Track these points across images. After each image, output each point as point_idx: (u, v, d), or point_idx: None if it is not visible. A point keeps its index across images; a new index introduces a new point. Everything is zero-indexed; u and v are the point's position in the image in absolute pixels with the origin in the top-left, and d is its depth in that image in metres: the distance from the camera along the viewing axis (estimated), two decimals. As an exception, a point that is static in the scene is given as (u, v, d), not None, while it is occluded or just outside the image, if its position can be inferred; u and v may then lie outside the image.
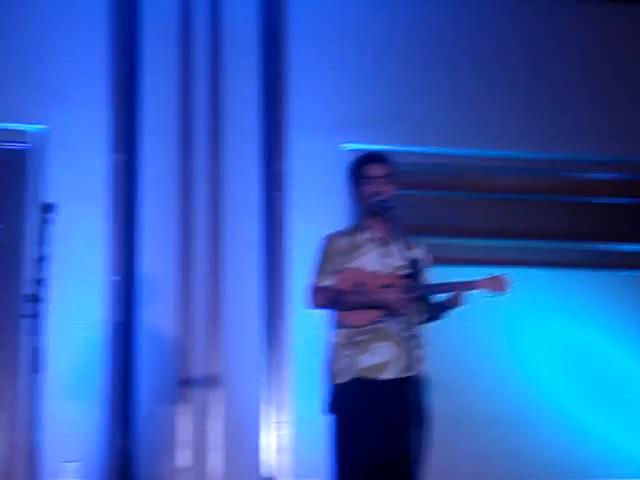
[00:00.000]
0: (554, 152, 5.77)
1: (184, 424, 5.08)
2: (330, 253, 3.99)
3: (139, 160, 5.26)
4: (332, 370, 3.92)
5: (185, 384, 5.13)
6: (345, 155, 5.22)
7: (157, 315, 5.17)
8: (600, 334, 5.81)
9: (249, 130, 5.46)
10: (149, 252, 5.19)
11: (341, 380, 3.86)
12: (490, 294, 3.87)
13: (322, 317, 4.07)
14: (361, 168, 4.05)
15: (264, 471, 5.10)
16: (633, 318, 5.89)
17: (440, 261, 4.92)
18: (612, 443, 5.67)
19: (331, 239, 4.03)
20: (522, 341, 5.72)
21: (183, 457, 5.04)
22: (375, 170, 4.01)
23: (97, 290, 5.11)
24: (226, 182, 5.37)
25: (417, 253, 4.00)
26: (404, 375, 3.82)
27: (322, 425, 3.99)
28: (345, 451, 3.79)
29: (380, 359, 3.85)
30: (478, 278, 3.89)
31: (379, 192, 3.96)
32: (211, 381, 5.14)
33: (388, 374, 3.83)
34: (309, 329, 4.71)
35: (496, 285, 3.87)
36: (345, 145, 5.46)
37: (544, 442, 5.57)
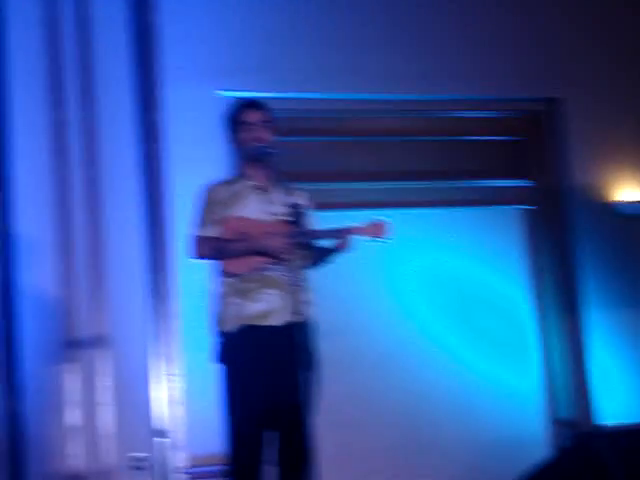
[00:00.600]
0: (428, 93, 5.82)
1: (72, 383, 5.01)
2: (211, 203, 3.97)
3: (9, 116, 5.10)
4: (219, 320, 3.92)
5: (71, 344, 5.05)
6: (222, 102, 5.18)
7: (37, 275, 5.06)
8: (481, 269, 5.94)
9: (122, 82, 5.33)
10: (24, 211, 5.05)
11: (228, 329, 3.87)
12: (370, 240, 3.92)
13: (206, 267, 4.06)
14: (238, 114, 4.04)
15: (156, 425, 5.09)
16: (511, 251, 6.05)
17: (321, 206, 4.95)
18: (494, 377, 5.83)
19: (211, 189, 4.01)
20: (403, 281, 5.81)
21: (73, 416, 4.98)
22: (252, 116, 4.00)
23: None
24: (101, 136, 5.24)
25: (298, 199, 4.02)
26: (290, 320, 3.85)
27: (213, 376, 4.01)
28: (236, 399, 3.81)
29: (266, 306, 3.87)
30: (358, 224, 3.92)
31: (257, 138, 3.95)
32: (97, 338, 5.08)
33: (274, 320, 3.86)
34: (194, 280, 4.68)
35: (376, 231, 3.91)
36: (221, 92, 5.41)
37: (428, 379, 5.70)
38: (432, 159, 5.95)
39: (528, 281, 6.05)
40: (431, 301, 5.84)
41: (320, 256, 4.01)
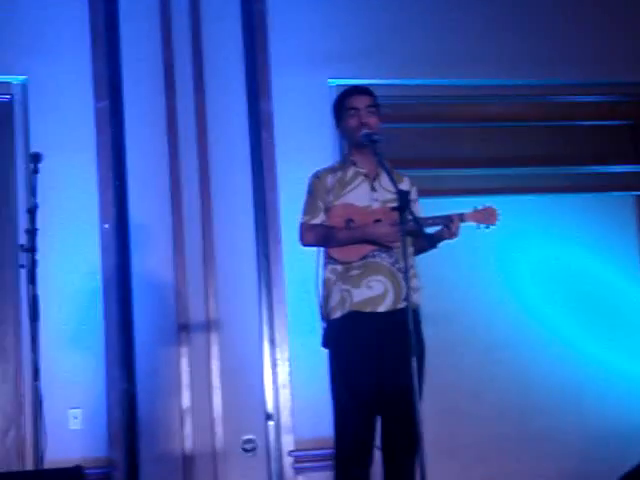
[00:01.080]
0: (539, 78, 5.73)
1: (185, 366, 5.13)
2: (318, 190, 4.00)
3: (123, 106, 5.23)
4: (326, 306, 3.95)
5: (183, 327, 5.17)
6: (332, 91, 5.22)
7: (151, 260, 5.19)
8: (593, 258, 5.83)
9: (233, 71, 5.42)
10: (139, 198, 5.19)
11: (336, 315, 3.90)
12: (480, 226, 3.89)
13: (314, 255, 4.10)
14: (345, 100, 4.06)
15: (265, 408, 5.16)
16: (624, 239, 5.91)
17: (430, 193, 4.96)
18: (608, 365, 5.72)
19: (319, 176, 4.04)
20: (514, 269, 5.74)
21: (185, 399, 5.10)
22: (359, 101, 4.01)
23: (90, 238, 5.13)
24: (213, 124, 5.33)
25: (405, 186, 4.02)
26: (398, 307, 3.86)
27: (319, 361, 4.05)
28: (342, 384, 3.84)
29: (374, 292, 3.88)
30: (467, 211, 3.90)
31: (364, 123, 3.95)
32: (208, 323, 5.18)
33: (382, 307, 3.87)
34: (302, 267, 4.73)
35: (485, 217, 3.89)
36: (332, 80, 5.44)
37: (539, 368, 5.62)
38: (543, 145, 5.85)
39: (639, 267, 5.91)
40: (543, 290, 5.75)
41: (428, 243, 3.98)
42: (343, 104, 4.06)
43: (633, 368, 5.76)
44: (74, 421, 4.97)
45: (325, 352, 3.97)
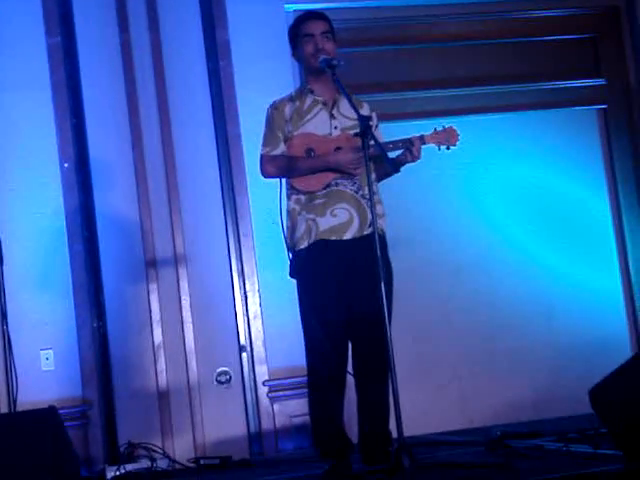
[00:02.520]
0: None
1: (155, 302, 5.12)
2: (276, 121, 3.95)
3: (76, 41, 5.13)
4: (292, 236, 3.94)
5: (151, 263, 5.15)
6: (289, 16, 5.14)
7: (114, 198, 5.15)
8: (558, 174, 5.84)
9: (187, 1, 5.32)
10: (98, 135, 5.12)
11: (302, 245, 3.89)
12: (440, 147, 3.87)
13: (277, 185, 4.07)
14: (300, 26, 3.98)
15: (238, 340, 5.19)
16: (588, 154, 5.92)
17: (390, 117, 4.94)
18: (575, 281, 5.77)
19: (276, 106, 3.99)
20: (480, 189, 5.75)
21: (157, 335, 5.10)
22: (314, 27, 3.94)
23: (51, 178, 5.07)
24: (169, 57, 5.25)
25: (365, 111, 3.97)
26: (364, 233, 3.86)
27: (288, 291, 4.05)
28: (311, 312, 3.84)
29: (339, 220, 3.87)
30: (428, 133, 3.87)
31: (320, 49, 3.89)
32: (176, 258, 5.16)
33: (348, 234, 3.86)
34: (268, 198, 4.70)
35: (445, 137, 3.86)
36: (288, 6, 5.35)
37: (508, 287, 5.67)
38: (503, 63, 5.82)
39: (605, 181, 5.93)
40: (509, 208, 5.77)
41: (391, 167, 3.95)
42: (298, 30, 3.98)
43: (599, 282, 5.83)
44: (46, 362, 4.97)
45: (294, 282, 3.97)
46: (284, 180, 4.00)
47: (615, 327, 5.80)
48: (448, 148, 3.85)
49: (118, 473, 4.58)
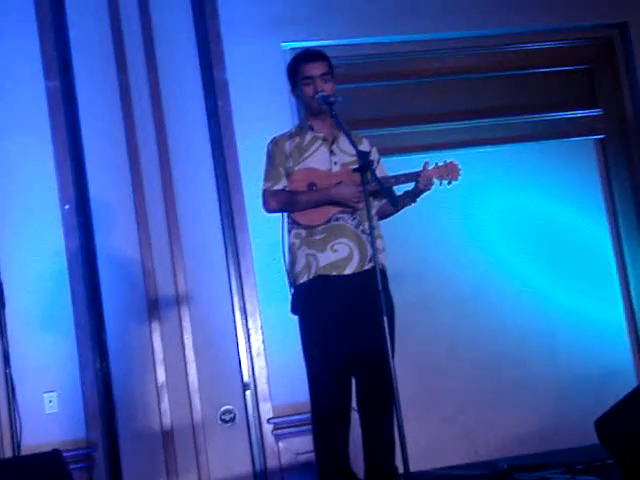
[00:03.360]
0: (491, 28, 5.70)
1: (158, 342, 5.11)
2: (277, 156, 3.98)
3: (74, 84, 5.17)
4: (293, 271, 3.95)
5: (153, 303, 5.15)
6: (286, 54, 5.16)
7: (115, 239, 5.15)
8: (557, 204, 5.84)
9: (185, 42, 5.35)
10: (97, 176, 5.14)
11: (302, 280, 3.89)
12: (442, 182, 3.88)
13: (279, 221, 4.08)
14: (299, 67, 4.01)
15: (242, 378, 5.17)
16: (587, 183, 5.93)
17: (390, 151, 4.95)
18: (578, 311, 5.76)
19: (276, 142, 4.02)
20: (479, 221, 5.74)
21: (160, 374, 5.09)
22: (314, 69, 3.97)
23: (52, 221, 5.08)
24: (168, 98, 5.27)
25: (365, 147, 4.00)
26: (364, 268, 3.87)
27: (290, 328, 4.04)
28: (313, 348, 3.85)
29: (339, 256, 3.88)
30: (428, 168, 3.89)
31: (319, 91, 3.92)
32: (178, 297, 5.16)
33: (348, 269, 3.87)
34: (269, 234, 4.72)
35: (447, 172, 3.88)
36: (285, 44, 5.39)
37: (511, 318, 5.65)
38: (499, 95, 5.82)
39: (604, 210, 5.93)
40: (508, 238, 5.76)
41: (391, 202, 3.95)
42: (297, 71, 4.01)
43: (602, 312, 5.81)
44: (49, 405, 4.96)
45: (296, 318, 3.97)
46: (285, 215, 4.01)
47: (619, 356, 5.78)
48: (449, 183, 3.87)
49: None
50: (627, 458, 3.36)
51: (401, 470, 3.62)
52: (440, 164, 3.89)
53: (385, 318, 3.59)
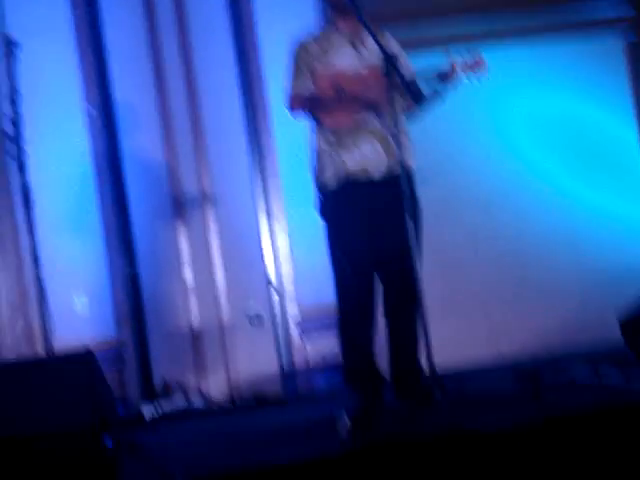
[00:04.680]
0: None
1: (184, 244, 5.16)
2: (303, 59, 3.91)
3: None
4: (320, 177, 3.93)
5: (179, 205, 5.18)
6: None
7: (140, 140, 5.16)
8: (585, 104, 5.77)
9: None
10: (123, 79, 5.12)
11: (331, 185, 3.88)
12: (469, 77, 3.82)
13: (305, 124, 4.05)
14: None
15: (268, 280, 5.22)
16: (615, 84, 5.83)
17: (416, 46, 4.84)
18: (603, 210, 5.74)
19: (302, 44, 3.95)
20: (507, 121, 5.68)
21: (187, 276, 5.15)
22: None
23: (77, 123, 5.08)
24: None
25: (390, 45, 3.93)
26: (391, 170, 3.85)
27: (318, 230, 4.05)
28: (342, 253, 3.85)
29: (367, 158, 3.85)
30: (456, 63, 3.83)
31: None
32: (203, 199, 5.18)
33: (375, 173, 3.85)
34: (293, 137, 4.69)
35: (475, 67, 3.81)
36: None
37: (536, 218, 5.64)
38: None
39: (632, 112, 5.85)
40: (537, 139, 5.71)
41: (418, 102, 3.91)
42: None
43: (627, 211, 5.79)
44: (80, 306, 5.04)
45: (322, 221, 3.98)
46: (311, 117, 3.98)
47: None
48: (477, 78, 3.81)
49: (155, 412, 4.65)
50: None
51: (426, 368, 3.66)
52: (467, 59, 3.82)
53: (411, 222, 3.58)
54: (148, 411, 4.66)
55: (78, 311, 5.03)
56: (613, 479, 2.88)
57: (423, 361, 3.75)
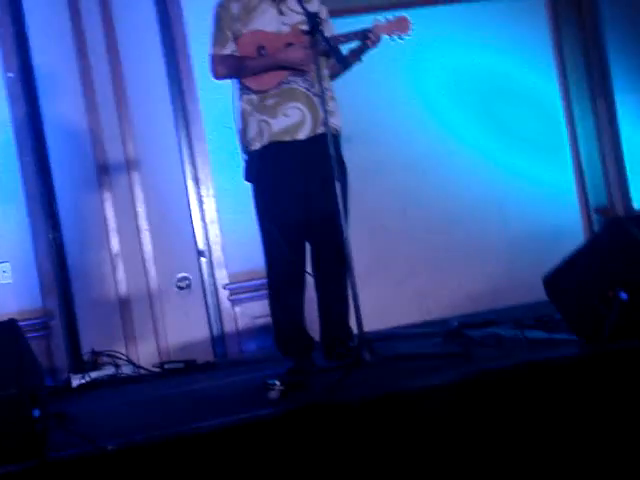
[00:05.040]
0: None
1: (110, 211, 5.09)
2: (224, 19, 3.88)
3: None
4: (245, 138, 3.91)
5: (104, 171, 5.11)
6: None
7: (62, 106, 5.07)
8: (507, 63, 5.79)
9: None
10: (40, 42, 5.01)
11: (255, 147, 3.86)
12: (393, 37, 3.82)
13: (229, 87, 4.02)
14: None
15: (196, 246, 5.19)
16: (537, 42, 5.86)
17: (340, 12, 4.84)
18: (527, 173, 5.79)
19: (223, 5, 3.91)
20: (428, 82, 5.68)
21: (114, 244, 5.09)
22: None
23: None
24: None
25: (314, 6, 3.91)
26: (317, 132, 3.84)
27: (246, 195, 4.03)
28: (269, 215, 3.85)
29: (291, 120, 3.85)
30: (379, 22, 3.83)
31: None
32: (129, 166, 5.12)
33: (301, 134, 3.84)
34: (219, 102, 4.64)
35: (398, 27, 3.82)
36: None
37: (462, 180, 5.67)
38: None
39: (555, 71, 5.90)
40: (458, 100, 5.72)
41: (341, 63, 3.90)
42: None
43: (551, 173, 5.86)
44: (4, 275, 4.95)
45: (250, 185, 3.96)
46: (235, 80, 3.95)
47: (568, 216, 5.86)
48: (401, 38, 3.81)
49: (83, 381, 4.62)
50: (573, 312, 3.46)
51: (355, 331, 3.68)
52: (390, 18, 3.82)
53: (338, 183, 3.59)
54: (76, 381, 4.62)
55: (2, 280, 4.94)
56: (540, 430, 2.95)
57: (352, 323, 3.78)
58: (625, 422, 2.95)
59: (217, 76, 3.93)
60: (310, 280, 3.98)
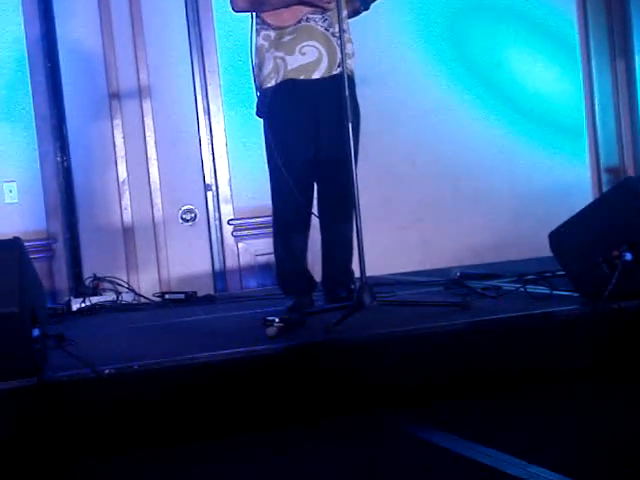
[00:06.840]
0: None
1: (119, 138, 5.07)
2: (246, -49, 3.82)
3: None
4: (260, 74, 3.87)
5: (115, 98, 5.07)
6: None
7: (77, 29, 5.03)
8: (527, 10, 5.73)
9: None
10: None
11: (270, 84, 3.83)
12: None
13: (247, 21, 3.97)
14: None
15: (203, 179, 5.18)
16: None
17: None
18: (540, 129, 5.76)
19: None
20: (438, 29, 5.64)
21: (122, 171, 5.08)
22: None
23: (10, 5, 4.92)
24: None
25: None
26: (332, 73, 3.80)
27: (256, 131, 4.01)
28: (279, 153, 3.82)
29: (307, 59, 3.80)
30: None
31: None
32: (141, 93, 5.08)
33: (316, 73, 3.80)
34: (236, 34, 4.60)
35: None
36: None
37: (473, 132, 5.68)
38: None
39: (577, 23, 5.84)
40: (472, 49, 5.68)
41: (362, 3, 3.86)
42: None
43: (563, 129, 5.83)
44: (9, 194, 4.95)
45: (261, 122, 3.93)
46: (254, 15, 3.90)
47: (578, 174, 5.85)
48: None
49: (83, 305, 4.64)
50: (576, 269, 3.46)
51: (357, 274, 3.69)
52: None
53: (350, 125, 3.56)
54: (77, 304, 4.64)
55: (7, 199, 4.94)
56: (533, 381, 2.98)
57: (355, 265, 3.79)
58: (618, 382, 2.98)
59: (236, 9, 3.88)
60: (315, 221, 3.97)
